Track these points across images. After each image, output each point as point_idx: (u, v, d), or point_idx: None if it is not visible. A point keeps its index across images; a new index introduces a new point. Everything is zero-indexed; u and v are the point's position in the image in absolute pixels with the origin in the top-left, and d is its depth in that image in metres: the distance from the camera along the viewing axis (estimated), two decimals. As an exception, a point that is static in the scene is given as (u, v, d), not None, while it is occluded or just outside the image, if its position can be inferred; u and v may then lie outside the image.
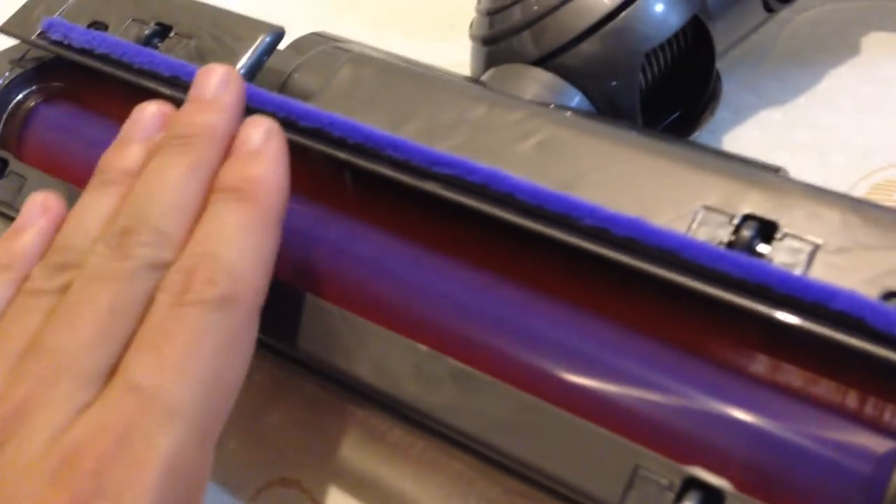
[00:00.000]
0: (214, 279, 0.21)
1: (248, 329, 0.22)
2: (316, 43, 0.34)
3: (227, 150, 0.25)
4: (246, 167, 0.24)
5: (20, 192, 0.31)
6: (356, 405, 0.30)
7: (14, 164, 0.31)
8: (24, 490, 0.19)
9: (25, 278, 0.24)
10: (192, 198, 0.23)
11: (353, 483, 0.29)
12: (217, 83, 0.26)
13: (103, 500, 0.19)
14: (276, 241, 0.23)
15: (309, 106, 0.27)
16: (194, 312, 0.21)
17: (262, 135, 0.24)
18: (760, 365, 0.22)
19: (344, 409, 0.30)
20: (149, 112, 0.26)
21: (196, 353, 0.21)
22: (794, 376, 0.21)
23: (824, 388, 0.21)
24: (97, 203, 0.25)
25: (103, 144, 0.32)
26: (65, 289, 0.23)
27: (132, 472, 0.19)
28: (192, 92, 0.26)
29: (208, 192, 0.24)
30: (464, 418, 0.22)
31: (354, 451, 0.29)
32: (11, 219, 0.31)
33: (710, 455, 0.21)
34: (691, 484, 0.20)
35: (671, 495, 0.20)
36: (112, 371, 0.21)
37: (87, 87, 0.35)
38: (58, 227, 0.25)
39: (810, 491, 0.20)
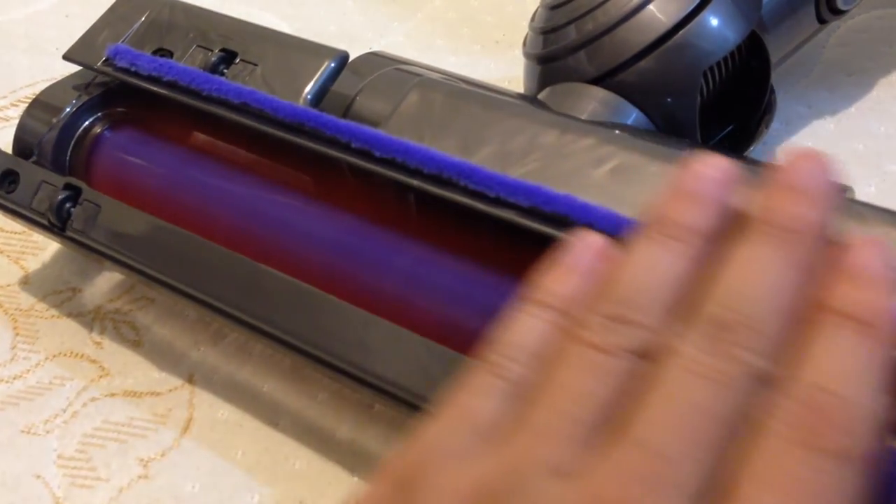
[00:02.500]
0: (850, 429, 0.18)
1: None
2: (374, 64, 0.34)
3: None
4: (879, 299, 0.20)
5: (95, 220, 0.31)
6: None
7: (88, 193, 0.32)
8: None
9: (571, 323, 0.22)
10: (793, 305, 0.20)
11: None
12: (821, 176, 0.22)
13: None
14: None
15: (382, 134, 0.28)
16: (826, 464, 0.18)
17: (886, 264, 0.21)
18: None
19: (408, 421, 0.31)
20: (717, 169, 0.22)
21: None
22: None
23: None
24: (659, 259, 0.21)
25: (169, 170, 0.33)
26: (633, 354, 0.20)
27: None
28: (793, 178, 0.22)
29: (805, 305, 0.20)
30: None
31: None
32: (86, 246, 0.32)
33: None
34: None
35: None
36: (703, 494, 0.18)
37: (150, 113, 0.36)
38: (604, 275, 0.22)
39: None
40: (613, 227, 0.24)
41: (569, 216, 0.24)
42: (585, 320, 0.21)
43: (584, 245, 0.23)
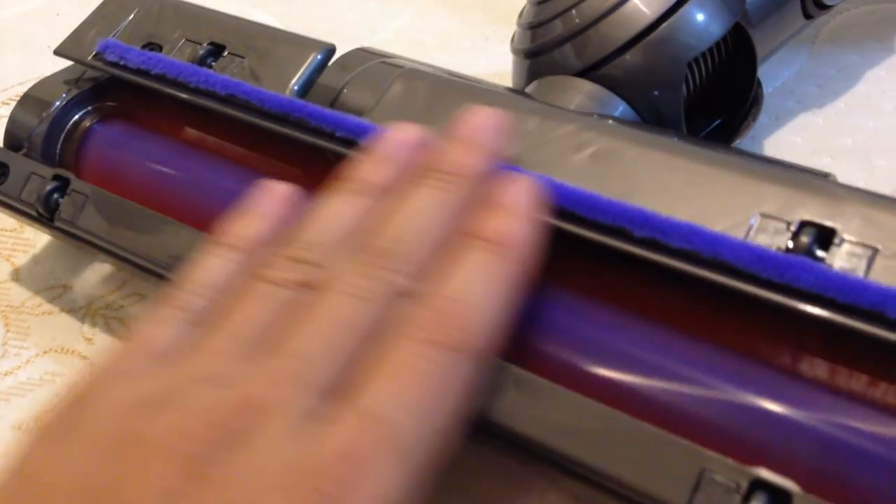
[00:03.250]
0: (466, 327, 0.21)
1: (478, 383, 0.22)
2: (361, 59, 0.35)
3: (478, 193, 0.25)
4: (512, 224, 0.24)
5: (82, 210, 0.32)
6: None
7: (76, 183, 0.32)
8: (263, 498, 0.19)
9: (253, 262, 0.25)
10: (442, 235, 0.24)
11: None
12: (486, 128, 0.26)
13: None
14: (516, 306, 0.23)
15: (365, 122, 0.28)
16: (439, 355, 0.21)
17: (531, 198, 0.24)
18: (821, 368, 0.22)
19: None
20: (404, 137, 0.26)
21: (438, 398, 0.21)
22: (854, 379, 0.22)
23: (886, 391, 0.21)
24: (342, 209, 0.25)
25: (158, 161, 0.33)
26: (302, 286, 0.23)
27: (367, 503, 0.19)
28: (460, 131, 0.26)
29: (454, 232, 0.24)
30: (530, 425, 0.23)
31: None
32: (75, 237, 0.32)
33: (774, 458, 0.21)
34: (758, 486, 0.20)
35: (738, 497, 0.20)
36: (338, 387, 0.21)
37: (140, 106, 0.36)
38: (288, 219, 0.26)
39: (874, 492, 0.20)
40: (586, 207, 0.24)
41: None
42: (265, 260, 0.24)
43: (270, 193, 0.27)
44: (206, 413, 0.20)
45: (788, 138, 0.41)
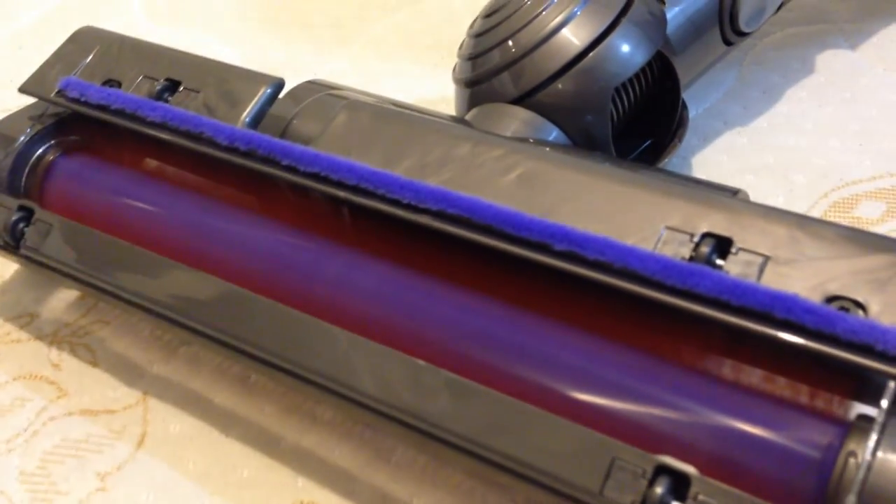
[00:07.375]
0: None
1: None
2: (311, 91, 0.37)
3: None
4: None
5: (47, 238, 0.33)
6: (364, 423, 0.32)
7: (40, 213, 0.34)
8: None
9: None
10: None
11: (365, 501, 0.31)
12: None
13: None
14: None
15: (310, 150, 0.30)
16: None
17: None
18: (719, 365, 0.24)
19: (353, 432, 0.33)
20: None
21: None
22: (748, 374, 0.24)
23: (775, 384, 0.24)
24: None
25: (119, 191, 0.35)
26: None
27: None
28: None
29: None
30: (459, 423, 0.25)
31: (364, 471, 0.32)
32: (40, 264, 0.34)
33: (676, 447, 0.23)
34: (661, 470, 0.22)
35: (644, 481, 0.22)
36: None
37: (102, 140, 0.38)
38: None
39: (766, 475, 0.23)
40: (512, 225, 0.26)
41: (472, 217, 0.27)
42: None
43: None
44: None
45: (715, 157, 0.43)
